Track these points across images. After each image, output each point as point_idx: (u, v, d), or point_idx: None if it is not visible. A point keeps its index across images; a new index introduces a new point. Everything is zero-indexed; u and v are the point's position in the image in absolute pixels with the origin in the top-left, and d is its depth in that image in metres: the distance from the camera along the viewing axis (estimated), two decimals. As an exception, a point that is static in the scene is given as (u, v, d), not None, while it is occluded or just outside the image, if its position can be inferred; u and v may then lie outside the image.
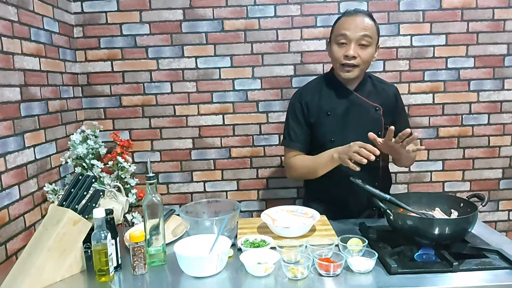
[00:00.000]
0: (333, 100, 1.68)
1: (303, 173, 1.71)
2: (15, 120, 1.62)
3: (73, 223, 1.23)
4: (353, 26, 1.56)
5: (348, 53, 1.56)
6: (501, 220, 2.46)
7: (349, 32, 1.56)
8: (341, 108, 1.67)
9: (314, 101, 1.70)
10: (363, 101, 1.67)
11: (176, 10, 2.23)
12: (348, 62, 1.58)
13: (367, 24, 1.57)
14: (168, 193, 2.39)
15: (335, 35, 1.62)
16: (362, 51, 1.58)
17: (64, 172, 2.01)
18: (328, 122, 1.67)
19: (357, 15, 1.58)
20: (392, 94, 1.75)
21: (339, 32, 1.58)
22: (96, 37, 2.24)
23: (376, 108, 1.67)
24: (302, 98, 1.72)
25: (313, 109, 1.69)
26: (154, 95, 2.30)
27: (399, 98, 1.78)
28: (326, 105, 1.68)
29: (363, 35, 1.56)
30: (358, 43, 1.56)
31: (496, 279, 1.13)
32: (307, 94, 1.73)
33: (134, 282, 1.20)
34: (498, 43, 2.30)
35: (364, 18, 1.57)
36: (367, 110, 1.67)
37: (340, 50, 1.59)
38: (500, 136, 2.38)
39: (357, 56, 1.57)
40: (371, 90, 1.71)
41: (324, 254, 1.22)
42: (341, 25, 1.59)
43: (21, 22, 1.70)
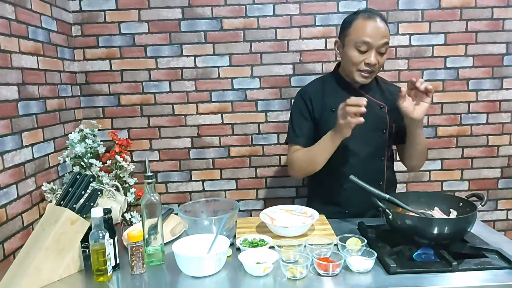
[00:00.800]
0: (337, 97, 1.64)
1: (304, 166, 1.66)
2: (12, 119, 1.61)
3: (71, 223, 1.22)
4: (375, 33, 1.53)
5: (370, 61, 1.54)
6: (500, 220, 2.46)
7: (372, 40, 1.52)
8: None
9: (318, 97, 1.69)
10: (368, 98, 1.62)
11: (175, 9, 2.23)
12: (368, 68, 1.57)
13: (386, 30, 1.55)
14: (166, 192, 2.38)
15: (354, 40, 1.56)
16: (380, 57, 1.57)
17: (62, 171, 2.00)
18: (333, 118, 1.61)
19: (376, 20, 1.54)
20: (396, 93, 1.70)
21: (360, 38, 1.53)
22: (95, 35, 2.23)
23: (381, 106, 1.66)
24: (305, 94, 1.71)
25: (317, 105, 1.68)
26: (152, 94, 2.30)
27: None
28: (331, 101, 1.66)
29: (384, 43, 1.54)
30: (378, 50, 1.55)
31: (495, 279, 1.13)
32: (311, 90, 1.72)
33: (132, 282, 1.20)
34: (497, 43, 2.30)
35: (383, 24, 1.55)
36: (372, 108, 1.63)
37: (360, 56, 1.56)
38: (499, 136, 2.38)
39: (376, 63, 1.56)
40: (376, 89, 1.71)
41: (323, 253, 1.22)
42: (362, 31, 1.54)
43: (19, 20, 1.69)
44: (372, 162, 1.67)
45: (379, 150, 1.68)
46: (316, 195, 1.79)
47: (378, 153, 1.69)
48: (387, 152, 1.73)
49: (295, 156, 1.69)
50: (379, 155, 1.70)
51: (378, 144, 1.67)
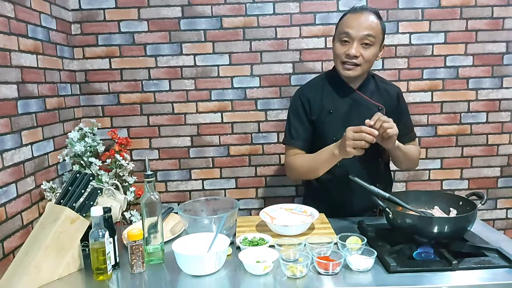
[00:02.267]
0: (335, 99, 1.66)
1: (304, 172, 1.67)
2: (12, 118, 1.61)
3: (71, 221, 1.22)
4: (356, 25, 1.53)
5: (349, 52, 1.53)
6: (499, 218, 2.47)
7: (352, 31, 1.53)
8: (344, 107, 1.65)
9: (317, 99, 1.68)
10: (366, 100, 1.65)
11: (175, 7, 2.22)
12: (350, 60, 1.56)
13: (372, 23, 1.53)
14: (166, 191, 2.38)
15: (338, 32, 1.59)
16: (365, 50, 1.54)
17: (61, 170, 2.00)
18: (330, 120, 1.64)
19: (362, 13, 1.54)
20: (394, 95, 1.72)
21: (343, 29, 1.55)
22: (94, 34, 2.23)
23: (379, 108, 1.65)
24: (303, 95, 1.70)
25: (315, 107, 1.67)
26: (152, 93, 2.29)
27: (401, 99, 1.75)
28: (329, 103, 1.66)
29: (366, 35, 1.52)
30: (360, 42, 1.53)
31: (495, 277, 1.13)
32: (309, 91, 1.71)
33: (132, 281, 1.20)
34: (497, 41, 2.30)
35: (369, 16, 1.54)
36: (369, 110, 1.63)
37: (342, 48, 1.56)
38: (499, 135, 2.38)
39: (359, 56, 1.54)
40: (374, 89, 1.69)
41: (323, 252, 1.22)
42: (345, 23, 1.56)
43: (18, 18, 1.68)
44: (369, 163, 1.66)
45: (376, 152, 1.65)
46: (313, 194, 1.79)
47: (375, 154, 1.67)
48: (384, 153, 1.71)
49: (293, 161, 1.68)
50: (376, 156, 1.69)
51: (376, 146, 1.61)
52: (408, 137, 1.74)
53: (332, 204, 1.69)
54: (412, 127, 1.80)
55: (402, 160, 1.67)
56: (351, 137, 1.41)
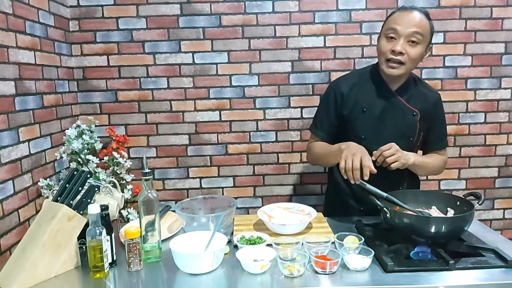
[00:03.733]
0: (371, 97, 1.61)
1: (317, 159, 1.72)
2: (9, 114, 1.60)
3: (68, 219, 1.22)
4: (405, 22, 1.48)
5: (395, 48, 1.48)
6: (496, 219, 2.47)
7: (400, 27, 1.48)
8: (379, 107, 1.60)
9: (352, 94, 1.63)
10: (402, 103, 1.60)
11: (173, 5, 2.21)
12: (394, 57, 1.49)
13: (421, 21, 1.48)
14: (164, 189, 2.38)
15: (385, 28, 1.54)
16: (411, 48, 1.49)
17: (59, 167, 2.00)
18: (363, 118, 1.61)
19: (412, 11, 1.50)
20: (432, 101, 1.66)
21: (390, 26, 1.51)
22: (92, 31, 2.22)
23: (414, 113, 1.60)
24: (338, 88, 1.65)
25: (349, 102, 1.63)
26: (150, 90, 2.29)
27: (439, 106, 1.69)
28: (364, 101, 1.61)
29: (414, 32, 1.47)
30: (407, 39, 1.48)
31: (492, 277, 1.13)
32: (346, 85, 1.65)
33: (129, 279, 1.20)
34: (496, 42, 2.30)
35: (418, 14, 1.49)
36: (404, 114, 1.60)
37: (388, 44, 1.51)
38: (497, 135, 2.39)
39: (404, 53, 1.48)
40: (413, 93, 1.62)
41: (321, 251, 1.22)
42: (393, 19, 1.51)
43: (16, 14, 1.68)
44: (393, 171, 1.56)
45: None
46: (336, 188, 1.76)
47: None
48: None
49: (312, 146, 1.72)
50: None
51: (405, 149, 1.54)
52: (438, 145, 1.73)
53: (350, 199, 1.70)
54: (446, 135, 1.76)
55: (420, 173, 1.70)
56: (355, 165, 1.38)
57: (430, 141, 1.70)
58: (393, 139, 1.52)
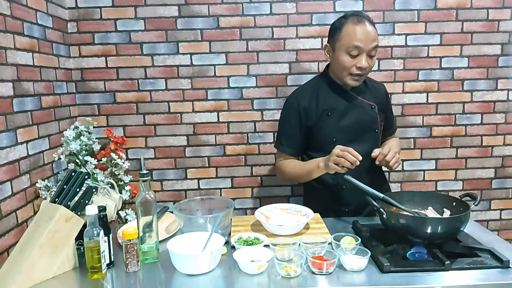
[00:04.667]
0: (332, 101, 1.69)
1: (292, 178, 1.77)
2: (7, 116, 1.61)
3: (66, 220, 1.22)
4: (365, 38, 1.54)
5: (361, 65, 1.56)
6: (493, 219, 2.48)
7: (363, 44, 1.54)
8: (340, 108, 1.68)
9: (313, 104, 1.70)
10: (361, 100, 1.69)
11: (171, 7, 2.22)
12: (360, 73, 1.59)
13: (376, 34, 1.58)
14: (162, 190, 2.38)
15: (345, 45, 1.57)
16: (370, 60, 1.59)
17: (57, 169, 2.00)
18: (329, 122, 1.68)
19: (365, 24, 1.56)
20: (383, 92, 1.81)
21: (352, 43, 1.55)
22: (90, 32, 2.22)
23: (372, 107, 1.70)
24: (300, 103, 1.70)
25: (312, 112, 1.69)
26: (148, 92, 2.29)
27: (388, 96, 1.85)
28: (326, 106, 1.68)
29: (374, 47, 1.57)
30: (368, 53, 1.57)
31: (487, 278, 1.14)
32: (305, 98, 1.71)
33: (126, 280, 1.20)
34: (492, 44, 2.31)
35: (372, 27, 1.57)
36: (364, 109, 1.69)
37: (352, 61, 1.58)
38: (493, 136, 2.40)
39: (367, 66, 1.58)
40: (365, 89, 1.74)
41: (317, 252, 1.23)
42: (353, 36, 1.55)
43: (14, 16, 1.68)
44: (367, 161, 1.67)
45: (372, 149, 1.69)
46: (314, 194, 1.80)
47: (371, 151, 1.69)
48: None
49: (283, 166, 1.75)
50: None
51: (372, 144, 1.70)
52: (392, 130, 1.89)
53: (334, 203, 1.71)
54: (395, 120, 1.92)
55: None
56: (336, 153, 1.46)
57: (386, 128, 1.81)
58: (360, 134, 1.66)
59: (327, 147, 1.60)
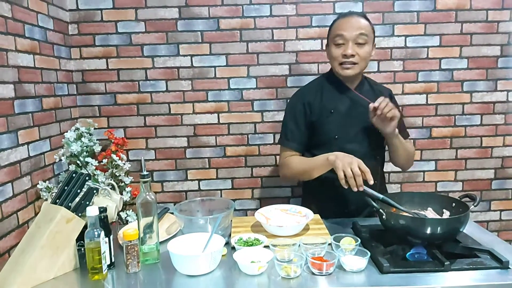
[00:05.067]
0: (335, 99, 1.71)
1: (297, 173, 1.71)
2: (8, 117, 1.61)
3: (66, 221, 1.23)
4: (349, 27, 1.60)
5: (346, 52, 1.60)
6: (493, 220, 2.49)
7: (346, 32, 1.60)
8: (344, 106, 1.70)
9: (317, 100, 1.71)
10: (363, 99, 1.69)
11: (172, 8, 2.23)
12: (347, 60, 1.61)
13: (362, 23, 1.62)
14: (162, 191, 2.38)
15: (332, 36, 1.66)
16: (360, 49, 1.61)
17: (58, 170, 2.00)
18: (332, 120, 1.69)
19: (352, 16, 1.63)
20: (387, 95, 1.76)
21: (336, 33, 1.63)
22: (91, 34, 2.23)
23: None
24: (304, 98, 1.73)
25: (316, 108, 1.71)
26: (149, 93, 2.30)
27: (394, 100, 1.82)
28: (329, 103, 1.70)
29: (359, 34, 1.60)
30: (355, 41, 1.60)
31: (487, 278, 1.14)
32: (310, 93, 1.74)
33: (127, 280, 1.20)
34: (492, 45, 2.32)
35: (358, 18, 1.63)
36: (367, 109, 1.67)
37: (338, 50, 1.63)
38: (493, 137, 2.40)
39: (355, 54, 1.60)
40: (369, 90, 1.75)
41: (317, 253, 1.23)
42: (337, 27, 1.64)
43: (15, 18, 1.69)
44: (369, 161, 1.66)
45: (374, 150, 1.72)
46: (313, 194, 1.80)
47: (374, 152, 1.72)
48: (381, 152, 1.77)
49: (289, 161, 1.72)
50: (375, 154, 1.73)
51: (374, 144, 1.71)
52: (403, 134, 1.79)
53: (331, 203, 1.71)
54: (405, 127, 1.86)
55: (401, 152, 1.72)
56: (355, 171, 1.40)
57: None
58: (362, 134, 1.66)
59: (329, 144, 1.64)
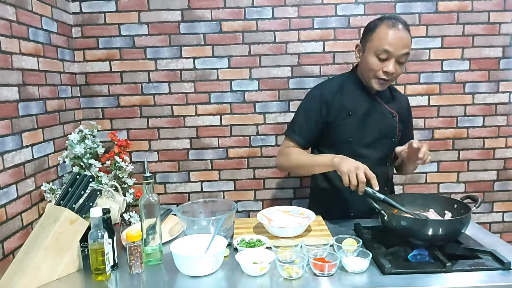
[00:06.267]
0: (355, 101, 1.65)
1: (296, 165, 1.66)
2: (13, 120, 1.63)
3: (70, 222, 1.24)
4: (397, 43, 1.50)
5: (389, 70, 1.52)
6: (496, 222, 2.48)
7: (393, 49, 1.50)
8: (362, 110, 1.65)
9: (336, 100, 1.66)
10: (383, 106, 1.67)
11: (175, 11, 2.24)
12: (386, 77, 1.55)
13: (409, 40, 1.53)
14: (165, 193, 2.39)
15: (375, 46, 1.53)
16: (398, 67, 1.55)
17: (61, 172, 2.02)
18: (349, 122, 1.64)
19: (399, 28, 1.51)
20: (405, 104, 1.78)
21: (382, 46, 1.51)
22: (95, 37, 2.25)
23: (393, 115, 1.68)
24: (322, 97, 1.66)
25: (334, 108, 1.65)
26: (152, 96, 2.31)
27: (410, 109, 1.82)
28: (349, 104, 1.65)
29: (405, 53, 1.52)
30: (397, 59, 1.53)
31: (489, 279, 1.15)
32: (330, 92, 1.67)
33: (130, 281, 1.21)
34: (494, 46, 2.32)
35: (406, 33, 1.53)
36: (385, 116, 1.66)
37: (379, 64, 1.54)
38: (495, 138, 2.40)
39: (394, 72, 1.54)
40: (389, 97, 1.72)
41: (319, 254, 1.24)
42: (384, 38, 1.51)
43: (20, 21, 1.70)
44: (380, 167, 1.67)
45: (386, 157, 1.70)
46: (321, 197, 1.79)
47: (385, 159, 1.71)
48: (392, 159, 1.77)
49: (291, 151, 1.67)
50: (386, 161, 1.72)
51: (386, 151, 1.69)
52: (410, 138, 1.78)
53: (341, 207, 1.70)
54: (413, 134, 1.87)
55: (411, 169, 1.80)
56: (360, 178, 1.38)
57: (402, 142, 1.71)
58: (376, 140, 1.64)
59: (342, 146, 1.61)
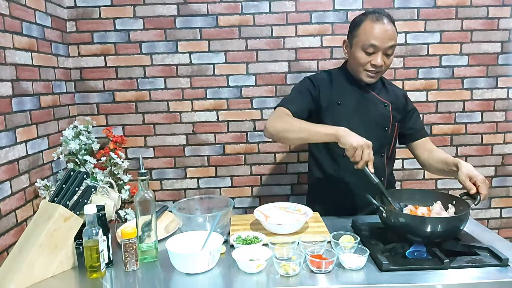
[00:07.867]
0: (344, 91, 1.69)
1: (290, 130, 1.55)
2: (6, 115, 1.61)
3: (64, 219, 1.22)
4: (382, 36, 1.54)
5: (376, 63, 1.57)
6: (493, 218, 2.48)
7: (379, 43, 1.54)
8: (352, 100, 1.68)
9: (327, 88, 1.70)
10: (373, 96, 1.69)
11: (170, 5, 2.22)
12: (375, 69, 1.59)
13: (393, 32, 1.58)
14: (161, 190, 2.38)
15: (361, 41, 1.57)
16: (387, 59, 1.59)
17: (56, 168, 2.00)
18: (338, 112, 1.67)
19: (383, 22, 1.55)
20: (401, 96, 1.77)
21: (369, 41, 1.55)
22: (89, 31, 2.22)
23: (385, 104, 1.69)
24: (316, 81, 1.71)
25: (325, 96, 1.68)
26: (147, 91, 2.29)
27: (409, 100, 1.80)
28: (338, 95, 1.68)
29: (391, 46, 1.57)
30: (384, 52, 1.57)
31: (486, 276, 1.14)
32: (322, 80, 1.72)
33: (125, 279, 1.20)
34: (492, 41, 2.31)
35: (391, 26, 1.57)
36: (376, 105, 1.69)
37: (367, 58, 1.58)
38: (493, 134, 2.40)
39: (383, 64, 1.58)
40: (381, 87, 1.74)
41: (316, 251, 1.22)
42: (370, 33, 1.55)
43: (13, 16, 1.68)
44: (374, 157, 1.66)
45: (380, 147, 1.70)
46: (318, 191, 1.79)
47: (379, 149, 1.70)
48: (388, 150, 1.75)
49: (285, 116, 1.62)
50: (380, 151, 1.71)
51: (380, 141, 1.69)
52: (422, 132, 1.78)
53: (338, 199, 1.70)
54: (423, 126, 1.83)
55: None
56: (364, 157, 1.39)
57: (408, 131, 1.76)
58: (368, 129, 1.61)
59: None
